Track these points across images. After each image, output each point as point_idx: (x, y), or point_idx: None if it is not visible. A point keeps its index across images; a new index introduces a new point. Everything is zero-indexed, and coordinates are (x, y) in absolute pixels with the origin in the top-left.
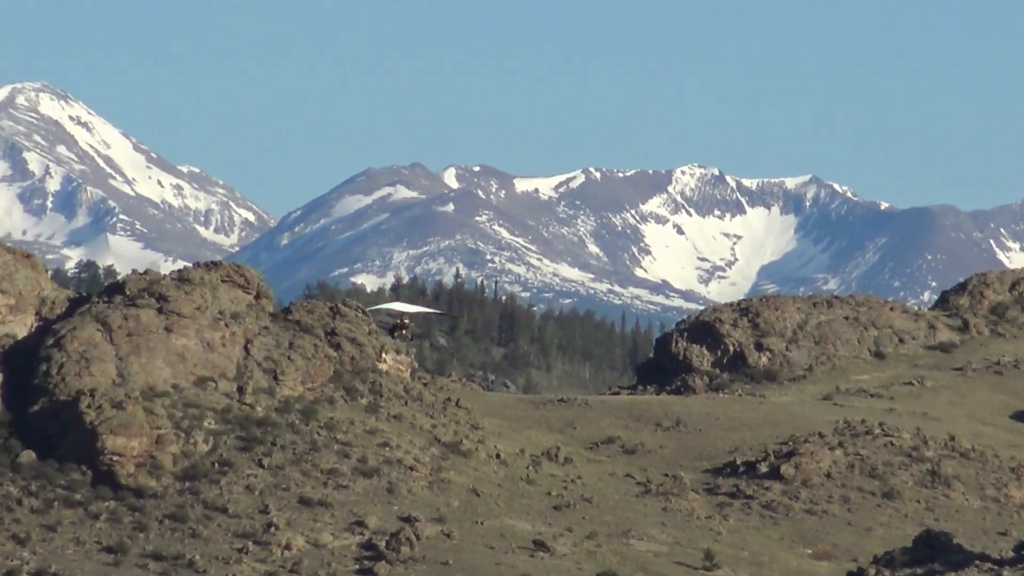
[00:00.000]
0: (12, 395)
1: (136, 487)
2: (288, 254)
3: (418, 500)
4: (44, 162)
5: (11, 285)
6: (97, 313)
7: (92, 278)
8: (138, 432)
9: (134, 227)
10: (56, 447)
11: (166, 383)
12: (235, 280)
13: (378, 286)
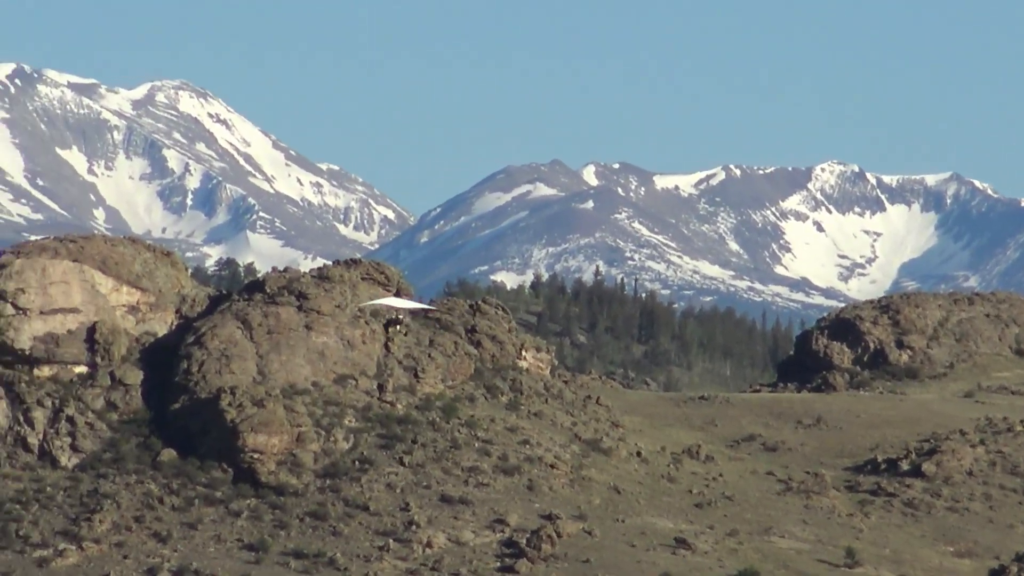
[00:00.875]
0: (153, 393)
1: (277, 485)
2: (428, 252)
3: (559, 497)
4: (184, 160)
5: (151, 283)
6: (237, 311)
7: (232, 276)
8: (279, 430)
9: (274, 225)
10: (197, 445)
11: (306, 380)
12: (375, 278)
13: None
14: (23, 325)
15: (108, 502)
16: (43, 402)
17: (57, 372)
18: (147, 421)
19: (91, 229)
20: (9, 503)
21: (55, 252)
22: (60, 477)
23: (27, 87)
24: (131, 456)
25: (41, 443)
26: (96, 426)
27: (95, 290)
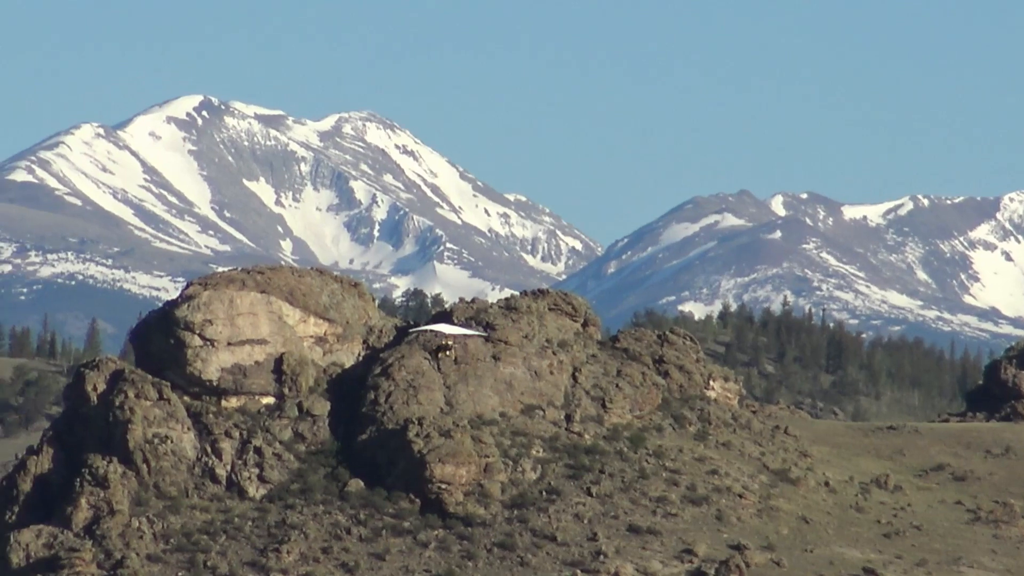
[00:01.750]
0: (340, 424)
1: (464, 515)
2: (615, 282)
3: (747, 528)
4: (371, 191)
5: (339, 314)
6: (425, 342)
7: (419, 306)
8: (466, 460)
9: (461, 255)
10: (384, 475)
11: (494, 411)
12: (562, 308)
13: (706, 314)
14: (211, 356)
15: (296, 533)
16: (231, 433)
17: (245, 403)
18: (334, 452)
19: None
20: (197, 534)
21: (242, 283)
22: (248, 508)
23: (214, 119)
24: (318, 487)
25: (229, 474)
26: (284, 457)
27: (282, 321)
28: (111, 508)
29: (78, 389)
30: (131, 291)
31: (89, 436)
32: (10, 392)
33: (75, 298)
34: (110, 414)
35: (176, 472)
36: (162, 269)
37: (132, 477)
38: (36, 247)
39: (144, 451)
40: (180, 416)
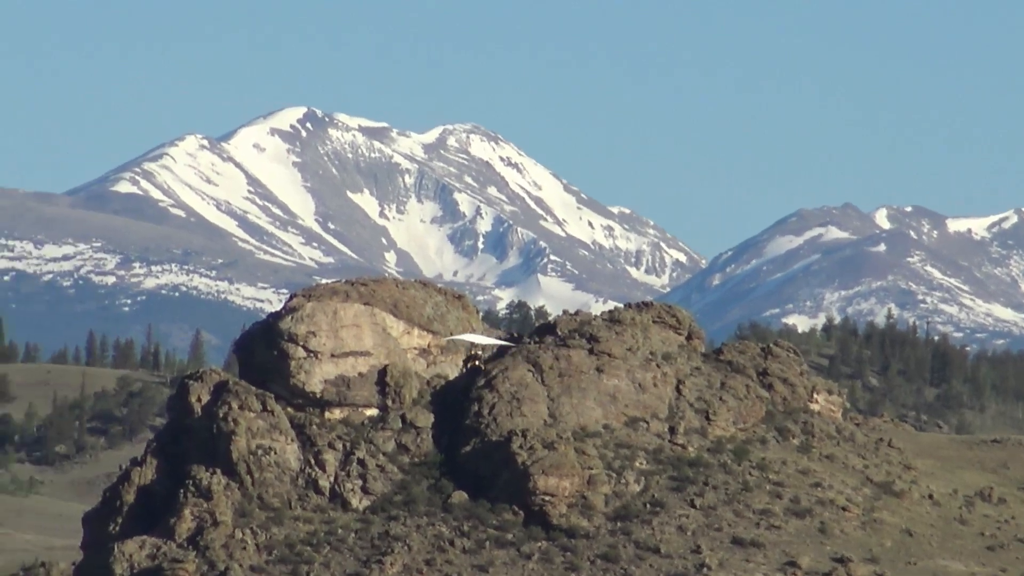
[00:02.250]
0: (443, 436)
1: (568, 527)
2: (719, 295)
3: (851, 540)
4: (475, 203)
5: (442, 326)
6: (528, 354)
7: (523, 319)
8: (570, 472)
9: (565, 268)
10: (488, 487)
11: (597, 423)
12: (666, 321)
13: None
14: (314, 368)
15: (399, 545)
16: (334, 445)
17: (348, 415)
18: (438, 464)
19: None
20: (300, 545)
21: (346, 295)
22: (351, 519)
23: (318, 131)
24: (422, 498)
25: (332, 485)
26: (387, 468)
27: (386, 333)
28: (214, 519)
29: (182, 400)
30: (235, 303)
31: (193, 447)
32: (114, 403)
33: (179, 309)
34: (214, 425)
35: (279, 483)
36: (266, 281)
37: (235, 488)
38: (140, 258)
39: (248, 462)
40: (284, 428)
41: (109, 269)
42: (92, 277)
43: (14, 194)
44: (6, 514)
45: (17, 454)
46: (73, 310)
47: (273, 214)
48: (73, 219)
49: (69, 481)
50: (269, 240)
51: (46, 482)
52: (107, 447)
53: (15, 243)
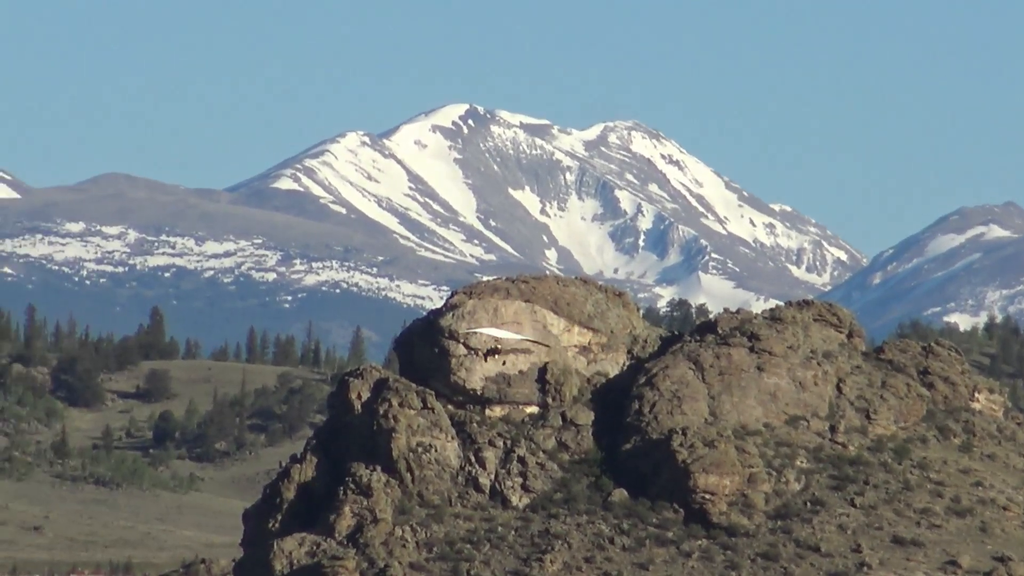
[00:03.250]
0: (604, 433)
1: (728, 525)
2: (880, 293)
3: (1011, 540)
4: (636, 200)
5: (603, 323)
6: (689, 352)
7: (684, 317)
8: (730, 470)
9: (726, 265)
10: (648, 485)
11: (758, 421)
12: (827, 319)
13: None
14: (475, 366)
15: (559, 542)
16: (495, 442)
17: (508, 412)
18: (598, 461)
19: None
20: (460, 543)
21: (507, 292)
22: (511, 517)
23: (480, 128)
24: (582, 496)
25: (492, 483)
26: (547, 466)
27: (547, 330)
28: (374, 516)
29: (342, 397)
30: (395, 299)
31: (353, 444)
32: (274, 400)
33: (339, 306)
34: (374, 423)
35: (440, 481)
36: (426, 278)
37: (396, 486)
38: (301, 255)
39: (408, 460)
40: (444, 425)
41: (270, 266)
42: (253, 274)
43: (176, 190)
44: (167, 510)
45: (177, 451)
46: (234, 307)
47: (434, 211)
48: (234, 216)
49: (229, 478)
50: (430, 237)
51: (206, 479)
52: (267, 444)
53: (176, 239)
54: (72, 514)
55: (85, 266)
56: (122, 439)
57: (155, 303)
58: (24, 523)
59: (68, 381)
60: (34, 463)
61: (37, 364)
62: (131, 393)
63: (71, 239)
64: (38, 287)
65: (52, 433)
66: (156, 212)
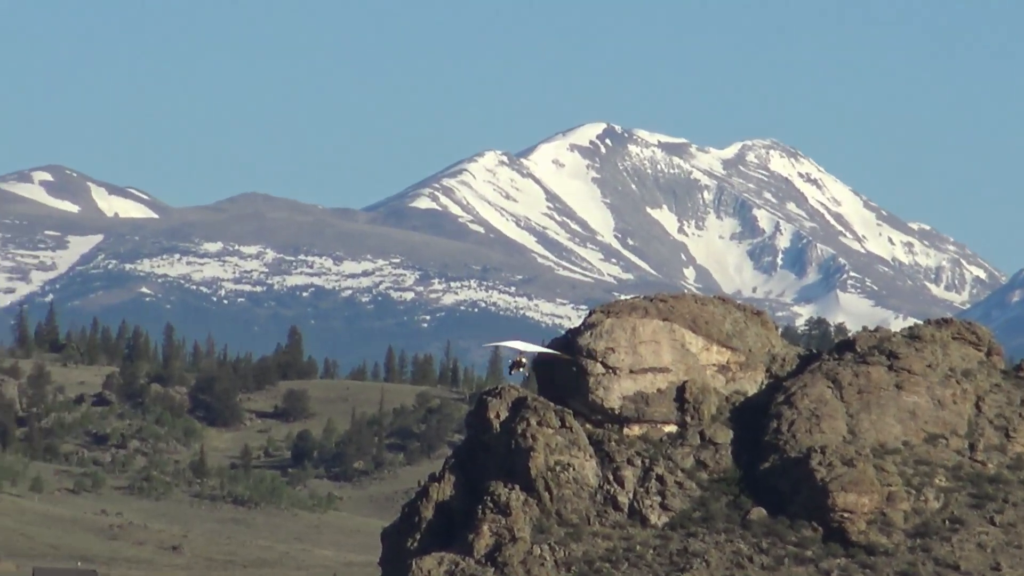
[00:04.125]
0: (742, 452)
1: (867, 544)
2: (1019, 311)
3: None
4: (774, 219)
5: (741, 342)
6: (828, 370)
7: (822, 335)
8: (869, 489)
9: (864, 284)
10: (787, 504)
11: (896, 440)
12: (966, 337)
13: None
14: (613, 384)
15: (698, 561)
16: (633, 461)
17: (647, 431)
18: (736, 480)
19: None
20: (599, 561)
21: (645, 311)
22: (650, 535)
23: (617, 147)
24: (720, 515)
25: (631, 502)
26: (685, 485)
27: (685, 349)
28: (513, 535)
29: (480, 416)
30: (533, 318)
31: (491, 463)
32: (412, 419)
33: (477, 325)
34: (512, 441)
35: (578, 499)
36: (564, 297)
37: (534, 504)
38: (439, 274)
39: (546, 478)
40: (582, 444)
41: (408, 285)
42: (391, 293)
43: (313, 210)
44: (305, 530)
45: (316, 470)
46: (372, 326)
47: (572, 230)
48: (372, 235)
49: (367, 497)
50: (568, 256)
51: (344, 498)
52: (405, 463)
53: (314, 259)
54: (210, 533)
55: (223, 286)
56: (260, 458)
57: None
58: (162, 543)
59: (206, 401)
60: (172, 483)
61: (175, 384)
62: (269, 413)
63: (209, 259)
64: (176, 307)
65: (190, 453)
66: (294, 232)
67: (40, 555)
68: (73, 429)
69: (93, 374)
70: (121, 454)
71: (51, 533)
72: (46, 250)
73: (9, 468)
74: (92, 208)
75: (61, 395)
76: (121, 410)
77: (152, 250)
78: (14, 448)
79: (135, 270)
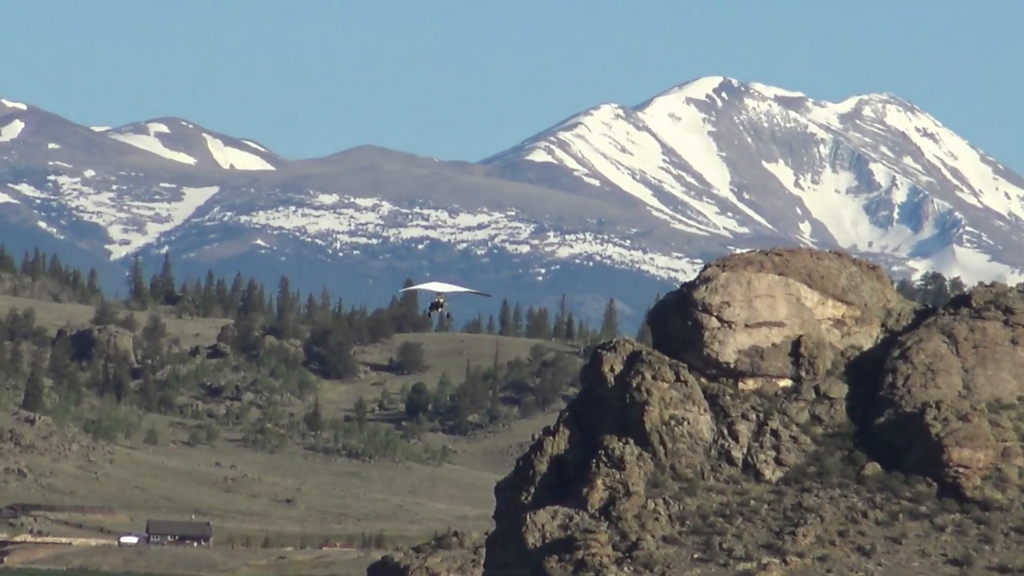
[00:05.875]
0: (857, 406)
1: (982, 499)
2: None
3: None
4: (890, 174)
5: (857, 297)
6: (943, 325)
7: (938, 290)
8: (984, 444)
9: (980, 239)
10: (901, 459)
11: (1012, 395)
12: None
13: None
14: (728, 338)
15: (812, 516)
16: (747, 416)
17: (761, 385)
18: (851, 435)
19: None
20: (713, 516)
21: (760, 265)
22: (764, 491)
23: (734, 101)
24: (835, 470)
25: (745, 456)
26: (800, 439)
27: (800, 303)
28: (627, 489)
29: (595, 370)
30: (648, 272)
31: (605, 417)
32: (527, 373)
33: (592, 279)
34: (627, 395)
35: (692, 454)
36: (680, 250)
37: (648, 459)
38: (554, 228)
39: (661, 432)
40: (697, 398)
41: (523, 238)
42: (506, 246)
43: (429, 163)
44: (420, 483)
45: (430, 423)
46: (487, 279)
47: (688, 183)
48: (488, 188)
49: (481, 450)
50: (683, 210)
51: (459, 451)
52: (520, 416)
53: (430, 212)
54: (324, 486)
55: (338, 238)
56: (375, 411)
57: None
58: (276, 495)
59: (321, 353)
60: (286, 435)
61: (290, 336)
62: (384, 366)
63: (324, 211)
64: (291, 259)
65: (305, 405)
66: (410, 184)
67: (154, 507)
68: (188, 381)
69: (208, 326)
70: (235, 406)
71: (165, 485)
72: (161, 202)
73: (124, 420)
74: (208, 160)
75: (176, 347)
76: (236, 362)
77: (267, 202)
78: (129, 400)
79: (250, 222)
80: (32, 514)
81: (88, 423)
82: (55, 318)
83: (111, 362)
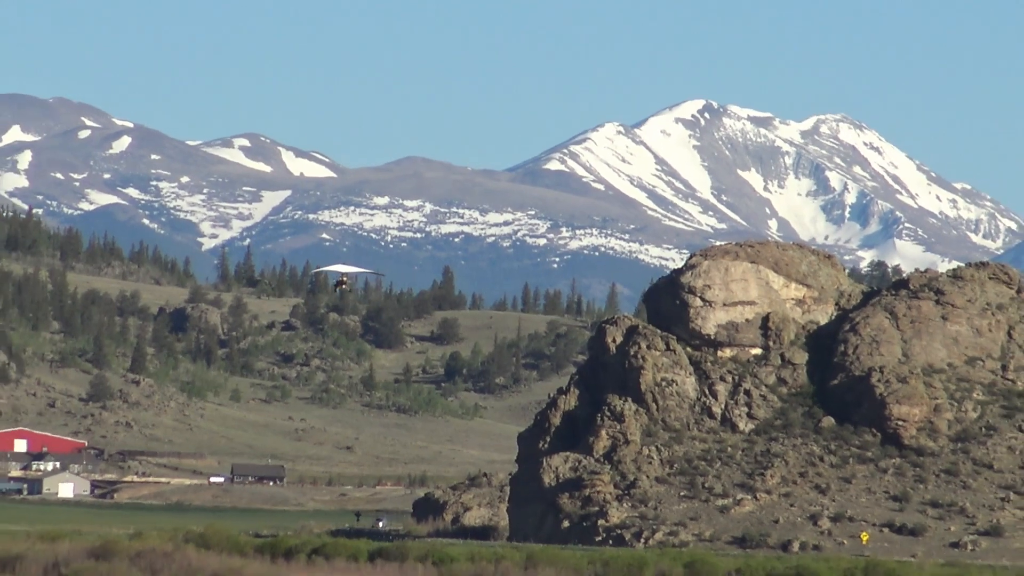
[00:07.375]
0: (815, 371)
1: (917, 447)
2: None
3: None
4: (843, 180)
5: (815, 280)
6: (886, 304)
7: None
8: (919, 402)
9: (916, 233)
10: (851, 414)
11: (942, 362)
12: (1000, 277)
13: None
14: (709, 315)
15: (778, 460)
16: (725, 378)
17: (736, 353)
18: (810, 394)
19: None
20: (697, 460)
21: (736, 255)
22: (738, 439)
23: (714, 120)
24: (797, 423)
25: (723, 411)
26: (768, 398)
27: (769, 286)
28: (626, 438)
29: (600, 341)
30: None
31: (608, 379)
32: (544, 343)
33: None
34: (626, 362)
35: (679, 409)
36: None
37: (643, 413)
38: (567, 224)
39: (654, 392)
40: (683, 364)
41: (541, 233)
42: (527, 240)
43: (463, 171)
44: (456, 433)
45: (464, 384)
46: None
47: (676, 188)
48: (512, 192)
49: (507, 407)
50: (673, 209)
51: (488, 407)
52: (538, 379)
53: (464, 211)
54: (377, 436)
55: (389, 233)
56: (419, 375)
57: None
58: (338, 443)
59: (375, 327)
60: (347, 394)
61: (349, 313)
62: (427, 337)
63: (378, 211)
64: (351, 250)
65: (361, 369)
66: (448, 189)
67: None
68: (265, 350)
69: (282, 305)
70: (304, 370)
71: (247, 435)
72: (244, 203)
73: (213, 382)
74: (282, 168)
75: (255, 322)
76: (305, 334)
77: (331, 203)
78: (217, 366)
79: (317, 220)
80: (137, 459)
81: (183, 384)
82: (156, 298)
83: (202, 334)
